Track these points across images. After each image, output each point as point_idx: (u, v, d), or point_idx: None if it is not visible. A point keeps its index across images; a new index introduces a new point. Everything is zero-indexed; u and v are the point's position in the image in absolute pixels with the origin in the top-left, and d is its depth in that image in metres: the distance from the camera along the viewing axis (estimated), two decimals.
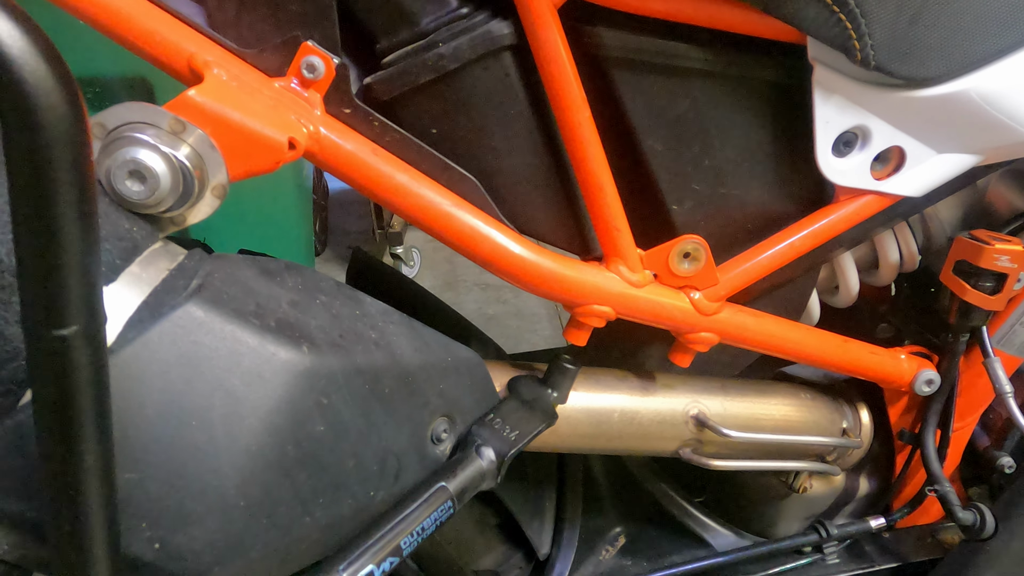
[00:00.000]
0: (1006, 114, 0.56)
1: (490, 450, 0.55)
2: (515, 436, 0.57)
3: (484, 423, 0.57)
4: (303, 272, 0.51)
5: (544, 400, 0.61)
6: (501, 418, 0.58)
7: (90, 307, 0.31)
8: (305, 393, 0.44)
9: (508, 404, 0.59)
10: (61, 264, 0.29)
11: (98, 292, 0.31)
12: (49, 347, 0.30)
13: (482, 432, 0.56)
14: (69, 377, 0.31)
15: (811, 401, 0.77)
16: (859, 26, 0.51)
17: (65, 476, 0.33)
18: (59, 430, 0.32)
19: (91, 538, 0.34)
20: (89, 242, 0.30)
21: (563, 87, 0.54)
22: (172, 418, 0.41)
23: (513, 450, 0.55)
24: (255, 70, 0.51)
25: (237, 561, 0.42)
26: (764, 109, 0.59)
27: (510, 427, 0.57)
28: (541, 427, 0.59)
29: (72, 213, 0.29)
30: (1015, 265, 0.67)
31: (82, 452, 0.32)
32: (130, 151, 0.43)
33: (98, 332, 0.32)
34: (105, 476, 0.34)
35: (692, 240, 0.59)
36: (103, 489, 0.34)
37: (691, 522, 0.85)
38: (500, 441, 0.56)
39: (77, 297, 0.30)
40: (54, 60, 0.28)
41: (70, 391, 0.31)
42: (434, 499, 0.51)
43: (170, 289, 0.43)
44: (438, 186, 0.55)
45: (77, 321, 0.30)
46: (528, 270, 0.56)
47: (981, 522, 0.72)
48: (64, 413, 0.32)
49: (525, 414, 0.59)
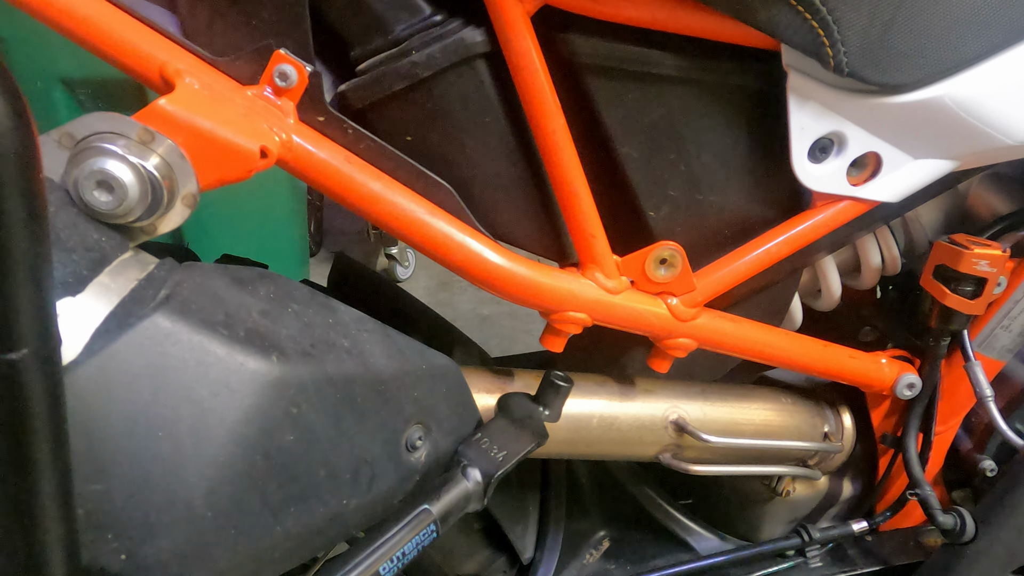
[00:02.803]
0: (981, 120, 0.56)
1: (476, 471, 0.53)
2: (503, 456, 0.55)
3: (471, 443, 0.55)
4: (276, 281, 0.51)
5: (535, 418, 0.59)
6: (489, 437, 0.56)
7: (42, 328, 0.30)
8: (274, 403, 0.44)
9: (497, 423, 0.58)
10: (8, 285, 0.28)
11: (51, 313, 0.31)
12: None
13: (468, 452, 0.55)
14: (20, 402, 0.30)
15: (792, 405, 0.77)
16: (832, 33, 0.51)
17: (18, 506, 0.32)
18: (10, 459, 0.31)
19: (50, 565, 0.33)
20: (39, 261, 0.29)
21: (537, 94, 0.54)
22: (139, 429, 0.40)
23: (500, 471, 0.54)
24: (227, 78, 0.51)
25: (205, 571, 0.42)
26: (739, 115, 0.59)
27: (498, 447, 0.55)
28: (531, 447, 0.57)
29: (20, 232, 0.28)
30: (994, 269, 0.67)
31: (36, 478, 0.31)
32: (98, 162, 0.43)
33: (51, 354, 0.31)
34: (63, 502, 0.33)
35: (669, 246, 0.59)
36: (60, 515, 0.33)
37: (675, 526, 0.85)
38: (487, 461, 0.54)
39: (28, 319, 0.29)
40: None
41: (21, 416, 0.30)
42: (416, 523, 0.50)
43: (138, 299, 0.43)
44: (413, 194, 0.55)
45: (27, 344, 0.29)
46: (503, 277, 0.56)
47: (961, 526, 0.72)
48: (16, 440, 0.31)
49: (514, 433, 0.57)
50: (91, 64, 1.34)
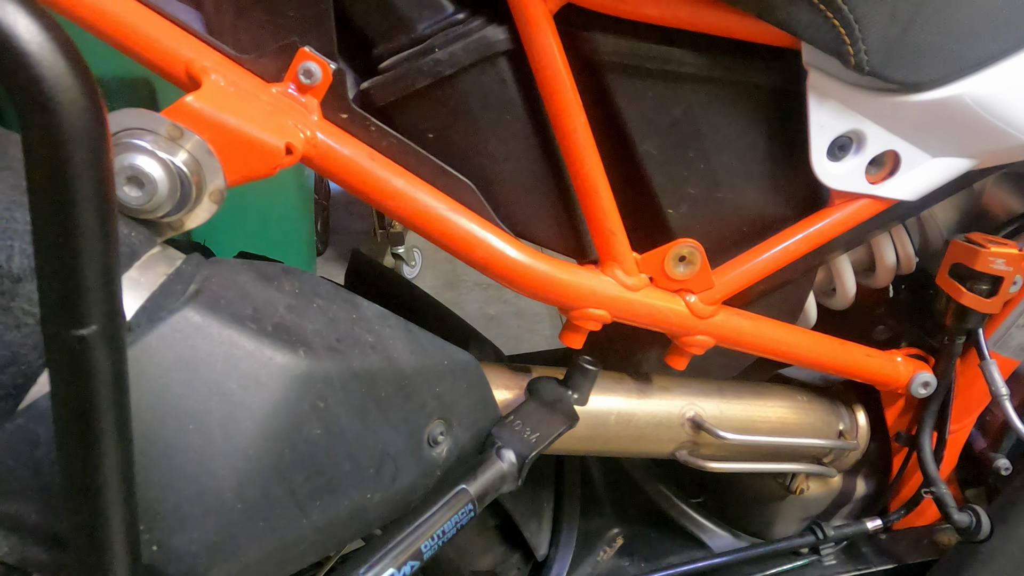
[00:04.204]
0: (1000, 118, 0.57)
1: (511, 452, 0.55)
2: (535, 438, 0.56)
3: (504, 425, 0.57)
4: (300, 276, 0.51)
5: (565, 402, 0.61)
6: (521, 420, 0.58)
7: (110, 306, 0.30)
8: (302, 397, 0.45)
9: (528, 406, 0.59)
10: (80, 263, 0.29)
11: (117, 291, 0.31)
12: (68, 347, 0.30)
13: (502, 434, 0.56)
14: (89, 377, 0.30)
15: (807, 403, 0.77)
16: (853, 31, 0.52)
17: (85, 479, 0.32)
18: (79, 432, 0.31)
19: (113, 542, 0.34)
20: (108, 240, 0.30)
21: (558, 92, 0.54)
22: (170, 421, 0.41)
23: (534, 452, 0.55)
24: (252, 76, 0.51)
25: (234, 563, 0.43)
26: (759, 114, 0.59)
27: (530, 429, 0.57)
28: (563, 428, 0.58)
29: (91, 211, 0.28)
30: (1011, 268, 0.67)
31: (102, 454, 0.32)
32: (128, 157, 0.44)
33: (118, 332, 0.31)
34: (126, 478, 0.33)
35: (688, 244, 0.60)
36: (124, 492, 0.33)
37: (688, 523, 0.85)
38: (521, 443, 0.56)
39: (96, 296, 0.29)
40: (73, 56, 0.27)
41: (90, 392, 0.31)
42: (455, 502, 0.51)
43: (168, 294, 0.43)
44: (434, 190, 0.55)
45: (97, 320, 0.30)
46: (524, 274, 0.57)
47: (977, 524, 0.72)
48: (84, 414, 0.31)
49: (545, 416, 0.59)
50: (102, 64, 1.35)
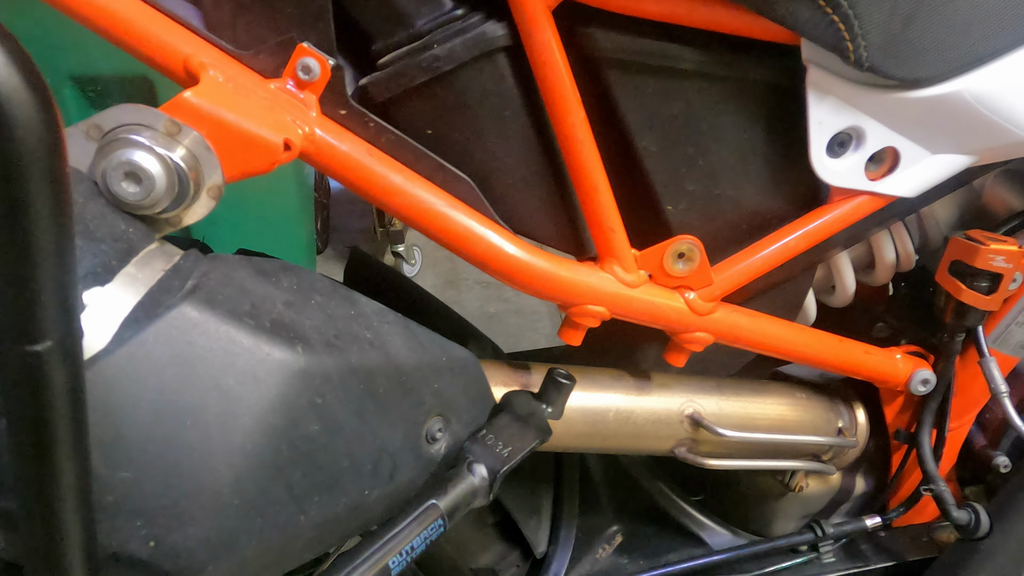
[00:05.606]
0: (1000, 115, 0.56)
1: (482, 467, 0.54)
2: (507, 452, 0.56)
3: (476, 439, 0.56)
4: (299, 272, 0.51)
5: (539, 416, 0.60)
6: (494, 434, 0.57)
7: (65, 321, 0.30)
8: (300, 393, 0.45)
9: (501, 419, 0.59)
10: (34, 278, 0.28)
11: (74, 305, 0.31)
12: (22, 363, 0.29)
13: (474, 448, 0.55)
14: (43, 394, 0.30)
15: (807, 400, 0.77)
16: (852, 27, 0.52)
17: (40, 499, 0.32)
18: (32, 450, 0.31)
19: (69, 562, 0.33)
20: (64, 255, 0.29)
21: (557, 88, 0.54)
22: (167, 417, 0.41)
23: (505, 467, 0.55)
24: (251, 71, 0.51)
25: (231, 559, 0.43)
26: (758, 110, 0.59)
27: (503, 443, 0.56)
28: (534, 443, 0.58)
29: (45, 225, 0.28)
30: (1010, 265, 0.67)
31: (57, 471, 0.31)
32: (126, 153, 0.44)
33: (74, 346, 0.31)
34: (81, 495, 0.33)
35: (687, 240, 0.60)
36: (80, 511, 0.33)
37: (688, 521, 0.85)
38: (492, 458, 0.55)
39: (51, 311, 0.29)
40: (26, 66, 0.27)
41: (43, 408, 0.30)
42: (424, 517, 0.51)
43: (166, 289, 0.43)
44: (433, 187, 0.55)
45: (51, 336, 0.29)
46: (522, 270, 0.57)
47: (976, 521, 0.72)
48: (37, 431, 0.31)
49: (518, 430, 0.58)
50: (101, 61, 1.35)
